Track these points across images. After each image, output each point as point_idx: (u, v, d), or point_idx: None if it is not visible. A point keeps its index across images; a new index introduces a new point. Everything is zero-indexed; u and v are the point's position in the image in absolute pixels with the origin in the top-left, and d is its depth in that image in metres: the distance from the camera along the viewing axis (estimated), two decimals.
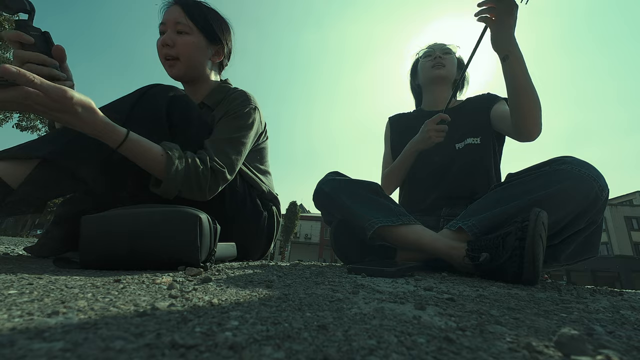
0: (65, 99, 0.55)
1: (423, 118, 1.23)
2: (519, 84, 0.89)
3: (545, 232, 0.65)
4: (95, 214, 0.58)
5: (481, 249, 0.71)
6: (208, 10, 0.97)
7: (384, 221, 0.86)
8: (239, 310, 0.31)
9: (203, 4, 0.97)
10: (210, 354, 0.20)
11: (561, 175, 0.72)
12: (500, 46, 0.90)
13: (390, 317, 0.32)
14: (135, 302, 0.32)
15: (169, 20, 0.91)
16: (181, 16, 0.91)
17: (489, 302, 0.44)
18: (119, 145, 0.64)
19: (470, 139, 1.14)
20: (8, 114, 9.70)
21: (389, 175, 1.28)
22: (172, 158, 0.71)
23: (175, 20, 0.90)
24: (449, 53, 1.28)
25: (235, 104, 0.92)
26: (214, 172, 0.79)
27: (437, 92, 1.28)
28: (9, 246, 1.75)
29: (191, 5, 0.93)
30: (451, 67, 1.26)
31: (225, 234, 0.77)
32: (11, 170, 0.60)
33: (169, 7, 0.93)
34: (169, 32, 0.91)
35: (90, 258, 0.55)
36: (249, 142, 0.92)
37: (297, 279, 0.57)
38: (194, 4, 0.94)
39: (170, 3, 0.94)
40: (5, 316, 0.25)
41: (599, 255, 1.01)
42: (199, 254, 0.58)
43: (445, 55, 1.27)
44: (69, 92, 0.55)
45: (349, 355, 0.21)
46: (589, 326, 0.33)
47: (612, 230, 20.85)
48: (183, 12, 0.91)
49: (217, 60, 1.01)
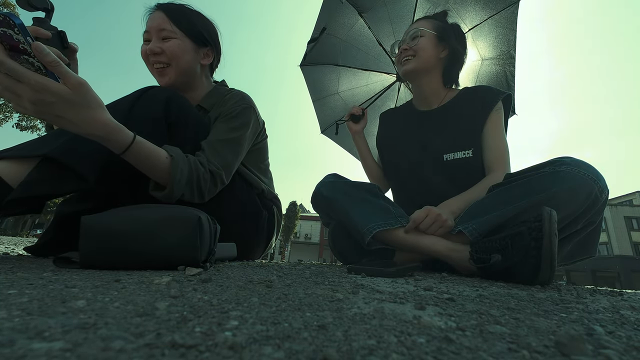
0: (82, 85, 0.53)
1: (411, 115, 1.20)
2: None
3: (557, 231, 0.63)
4: (95, 214, 0.58)
5: (488, 251, 0.70)
6: (192, 13, 0.93)
7: (382, 225, 0.86)
8: (239, 310, 0.31)
9: (186, 7, 0.93)
10: (210, 354, 0.20)
11: (561, 176, 0.71)
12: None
13: (390, 317, 0.32)
14: (135, 302, 0.32)
15: (153, 27, 0.87)
16: (165, 22, 0.87)
17: (489, 302, 0.44)
18: (126, 149, 0.63)
19: (461, 153, 1.01)
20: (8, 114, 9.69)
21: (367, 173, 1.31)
22: (177, 162, 0.71)
23: (159, 27, 0.87)
24: (416, 37, 1.08)
25: (230, 105, 0.92)
26: (213, 174, 0.79)
27: (419, 85, 1.15)
28: (9, 246, 1.75)
29: (174, 9, 0.90)
30: (425, 53, 1.07)
31: (225, 233, 0.77)
32: (11, 169, 0.60)
33: (151, 13, 0.90)
34: (154, 40, 0.87)
35: (90, 258, 0.55)
36: (246, 143, 0.92)
37: (297, 279, 0.57)
38: (177, 8, 0.91)
39: (152, 9, 0.90)
40: (5, 316, 0.25)
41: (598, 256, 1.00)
42: (198, 254, 0.58)
43: (414, 42, 1.08)
44: (86, 82, 0.55)
45: (349, 355, 0.21)
46: (589, 326, 0.33)
47: (612, 230, 20.86)
48: (166, 17, 0.88)
49: (207, 62, 0.98)
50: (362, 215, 0.89)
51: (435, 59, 1.09)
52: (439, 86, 1.14)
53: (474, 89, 1.12)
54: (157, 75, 0.91)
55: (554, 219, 0.60)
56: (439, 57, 1.09)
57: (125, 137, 0.62)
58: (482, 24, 1.52)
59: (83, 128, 0.57)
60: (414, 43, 1.08)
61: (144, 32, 0.90)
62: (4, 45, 0.49)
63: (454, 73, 1.14)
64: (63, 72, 0.51)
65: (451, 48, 1.09)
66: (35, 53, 0.48)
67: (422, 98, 1.17)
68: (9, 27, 0.47)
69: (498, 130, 1.02)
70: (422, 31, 1.08)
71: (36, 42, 0.48)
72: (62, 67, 0.51)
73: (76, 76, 0.53)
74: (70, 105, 0.53)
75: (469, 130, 1.03)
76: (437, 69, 1.11)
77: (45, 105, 0.52)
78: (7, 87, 0.51)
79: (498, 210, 0.76)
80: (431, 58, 1.08)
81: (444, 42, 1.09)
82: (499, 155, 0.99)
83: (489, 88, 1.10)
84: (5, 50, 0.49)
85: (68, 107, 0.53)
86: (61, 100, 0.52)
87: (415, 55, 1.08)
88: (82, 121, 0.56)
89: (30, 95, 0.51)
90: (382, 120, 1.33)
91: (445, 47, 1.09)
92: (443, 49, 1.09)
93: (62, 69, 0.51)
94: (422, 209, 0.86)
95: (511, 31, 1.52)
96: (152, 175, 0.71)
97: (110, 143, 0.61)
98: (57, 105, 0.53)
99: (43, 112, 0.53)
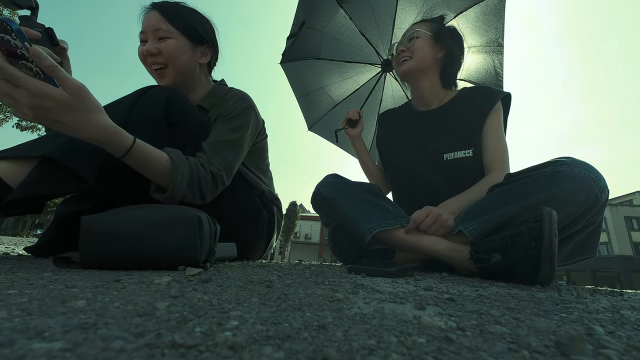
0: (81, 90, 0.53)
1: (410, 116, 1.21)
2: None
3: (557, 231, 0.63)
4: (95, 214, 0.58)
5: (488, 251, 0.70)
6: (187, 10, 0.92)
7: (382, 225, 0.86)
8: (239, 310, 0.31)
9: (182, 5, 0.92)
10: (210, 354, 0.20)
11: (561, 176, 0.71)
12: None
13: (390, 317, 0.32)
14: (135, 302, 0.32)
15: (148, 27, 0.86)
16: (160, 22, 0.86)
17: (489, 302, 0.44)
18: (126, 152, 0.63)
19: (461, 152, 1.02)
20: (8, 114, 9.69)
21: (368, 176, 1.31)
22: (177, 165, 0.71)
23: (155, 27, 0.85)
24: (413, 38, 1.10)
25: (230, 104, 0.91)
26: (214, 176, 0.79)
27: (417, 86, 1.15)
28: (9, 246, 1.75)
29: (169, 8, 0.89)
30: (421, 53, 1.08)
31: (225, 233, 0.77)
32: (11, 170, 0.60)
33: (146, 13, 0.89)
34: (151, 41, 0.86)
35: (90, 258, 0.55)
36: (246, 143, 0.92)
37: (297, 279, 0.57)
38: (172, 6, 0.90)
39: (147, 9, 0.89)
40: (6, 316, 0.25)
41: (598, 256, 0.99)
42: (199, 254, 0.58)
43: (411, 43, 1.10)
44: (84, 87, 0.54)
45: (349, 355, 0.21)
46: (589, 326, 0.33)
47: (612, 230, 20.86)
48: (162, 16, 0.86)
49: (205, 61, 0.96)
50: (362, 215, 0.89)
51: (432, 59, 1.10)
52: (438, 87, 1.15)
53: (473, 89, 1.13)
54: (156, 76, 0.90)
55: (554, 219, 0.60)
56: (436, 58, 1.11)
57: (125, 141, 0.62)
58: (468, 10, 1.51)
59: (82, 132, 0.57)
60: (411, 44, 1.10)
61: (140, 32, 0.89)
62: (1, 51, 0.48)
63: (452, 74, 1.15)
64: (61, 77, 0.51)
65: (448, 49, 1.10)
66: (33, 58, 0.48)
67: (421, 99, 1.17)
68: (6, 33, 0.46)
69: (497, 130, 1.02)
70: (418, 32, 1.11)
71: (34, 47, 0.48)
72: (60, 71, 0.51)
73: (75, 81, 0.53)
74: (69, 110, 0.53)
75: (468, 130, 1.03)
76: (434, 70, 1.12)
77: (44, 110, 0.52)
78: (6, 93, 0.50)
79: (498, 210, 0.76)
80: (428, 58, 1.09)
81: (441, 43, 1.10)
82: (498, 156, 1.00)
83: (488, 88, 1.11)
84: (3, 55, 0.49)
85: (67, 112, 0.53)
86: (60, 105, 0.52)
87: (412, 56, 1.09)
88: (81, 126, 0.56)
89: (28, 100, 0.50)
90: (381, 122, 1.32)
91: (442, 48, 1.10)
92: (440, 49, 1.11)
93: (61, 74, 0.51)
94: (422, 209, 0.86)
95: (499, 19, 1.50)
96: (153, 178, 0.71)
97: (110, 147, 0.61)
98: (56, 110, 0.52)
99: (42, 118, 0.53)
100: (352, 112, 1.31)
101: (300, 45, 1.80)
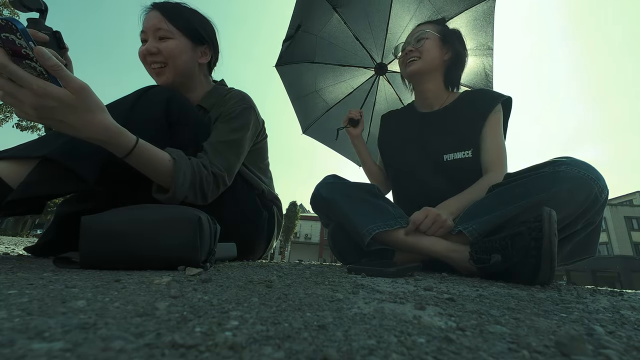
0: (84, 89, 0.53)
1: (412, 116, 1.21)
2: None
3: (557, 231, 0.63)
4: (95, 214, 0.58)
5: (488, 251, 0.70)
6: (188, 11, 0.92)
7: (382, 226, 0.86)
8: (239, 310, 0.31)
9: (182, 5, 0.93)
10: (210, 354, 0.20)
11: (561, 176, 0.71)
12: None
13: (390, 317, 0.32)
14: (135, 302, 0.32)
15: (149, 27, 0.86)
16: (161, 22, 0.86)
17: (489, 302, 0.44)
18: (128, 152, 0.63)
19: (460, 153, 1.03)
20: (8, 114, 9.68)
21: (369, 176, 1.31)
22: (179, 165, 0.71)
23: (156, 27, 0.86)
24: (422, 39, 1.11)
25: (230, 105, 0.91)
26: (216, 177, 0.79)
27: (421, 87, 1.16)
28: (9, 246, 1.75)
29: (170, 8, 0.89)
30: (430, 54, 1.09)
31: (225, 233, 0.77)
32: (11, 170, 0.60)
33: (147, 13, 0.89)
34: (151, 40, 0.87)
35: (90, 258, 0.55)
36: (247, 143, 0.92)
37: (297, 279, 0.57)
38: (173, 6, 0.90)
39: (148, 8, 0.89)
40: (6, 316, 0.25)
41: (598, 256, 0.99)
42: (198, 254, 0.58)
43: (419, 44, 1.10)
44: (87, 86, 0.54)
45: (349, 355, 0.21)
46: (589, 326, 0.33)
47: (612, 230, 20.86)
48: (162, 16, 0.87)
49: (205, 61, 0.97)
50: (361, 216, 0.89)
51: (439, 60, 1.11)
52: (441, 88, 1.15)
53: (475, 92, 1.14)
54: (155, 75, 0.90)
55: (553, 219, 0.60)
56: (443, 60, 1.12)
57: (127, 141, 0.62)
58: (459, 15, 1.54)
59: (85, 132, 0.57)
60: (420, 45, 1.10)
61: (140, 32, 0.89)
62: (6, 50, 0.49)
63: (456, 76, 1.16)
64: (65, 77, 0.51)
65: (454, 51, 1.11)
66: (38, 58, 0.48)
67: (424, 100, 1.18)
68: (11, 32, 0.46)
69: (496, 132, 1.03)
70: (427, 33, 1.11)
71: (38, 47, 0.48)
72: (64, 71, 0.51)
73: (78, 80, 0.53)
74: (72, 110, 0.53)
75: (468, 131, 1.04)
76: (439, 71, 1.13)
77: (47, 110, 0.52)
78: (10, 93, 0.50)
79: (498, 210, 0.76)
80: (435, 59, 1.10)
81: (448, 45, 1.11)
82: (496, 156, 1.00)
83: (490, 91, 1.12)
84: (7, 55, 0.49)
85: (70, 112, 0.53)
86: (63, 104, 0.52)
87: (420, 57, 1.10)
88: (83, 125, 0.56)
89: (32, 100, 0.50)
90: (383, 122, 1.33)
91: (449, 50, 1.12)
92: (447, 51, 1.12)
93: (64, 73, 0.51)
94: (421, 210, 0.86)
95: (489, 24, 1.54)
96: (154, 178, 0.71)
97: (112, 147, 0.61)
98: (59, 110, 0.52)
99: (45, 117, 0.53)
100: (353, 112, 1.32)
101: (296, 49, 1.82)
